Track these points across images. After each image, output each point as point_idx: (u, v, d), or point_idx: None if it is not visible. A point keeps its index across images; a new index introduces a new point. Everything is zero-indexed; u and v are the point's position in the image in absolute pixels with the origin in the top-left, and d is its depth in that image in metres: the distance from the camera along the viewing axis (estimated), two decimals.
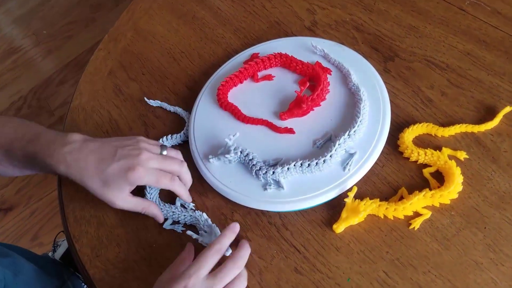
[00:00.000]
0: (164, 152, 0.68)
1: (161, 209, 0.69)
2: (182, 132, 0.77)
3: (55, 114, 2.08)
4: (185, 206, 0.70)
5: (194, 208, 0.69)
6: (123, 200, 0.65)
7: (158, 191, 0.72)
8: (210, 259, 0.57)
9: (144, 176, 0.63)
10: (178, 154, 0.70)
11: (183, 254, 0.63)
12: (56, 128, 0.73)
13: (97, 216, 0.73)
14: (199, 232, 0.66)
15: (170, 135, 0.76)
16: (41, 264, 0.81)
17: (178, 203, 0.70)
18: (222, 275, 0.57)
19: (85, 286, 0.92)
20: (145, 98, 0.74)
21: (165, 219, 0.69)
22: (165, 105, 0.81)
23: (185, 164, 0.69)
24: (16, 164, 0.70)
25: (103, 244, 0.70)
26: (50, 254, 0.99)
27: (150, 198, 0.69)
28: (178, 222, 0.69)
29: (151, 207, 0.68)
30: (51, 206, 1.79)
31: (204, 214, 0.67)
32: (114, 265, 0.67)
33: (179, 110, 0.80)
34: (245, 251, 0.61)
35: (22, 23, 2.53)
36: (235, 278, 0.58)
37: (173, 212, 0.68)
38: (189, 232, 0.65)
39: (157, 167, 0.65)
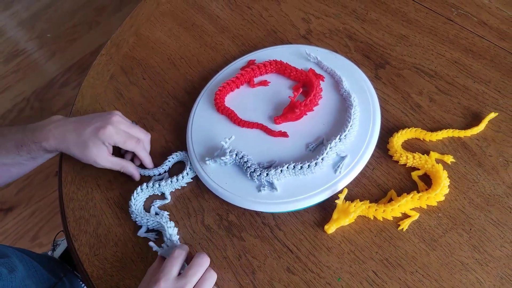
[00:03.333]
0: (134, 123, 0.78)
1: (139, 217, 0.70)
2: (185, 172, 0.74)
3: None
4: (159, 213, 0.72)
5: (168, 217, 0.71)
6: (104, 158, 0.74)
7: (143, 203, 0.74)
8: (175, 261, 0.60)
9: (113, 134, 0.72)
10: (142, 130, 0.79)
11: (154, 265, 0.64)
12: None
13: (96, 216, 0.74)
14: (161, 245, 0.67)
15: (175, 177, 0.74)
16: (38, 262, 0.82)
17: (152, 211, 0.72)
18: (191, 273, 0.59)
19: (82, 283, 0.93)
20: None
21: (140, 227, 0.71)
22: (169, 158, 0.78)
23: (149, 135, 0.78)
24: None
25: (101, 243, 0.71)
26: (49, 253, 1.00)
27: (135, 208, 0.72)
28: (153, 230, 0.71)
29: (129, 166, 0.76)
30: (51, 207, 1.79)
31: (172, 228, 0.69)
32: (111, 264, 0.69)
33: (180, 155, 0.78)
34: (204, 253, 0.63)
35: (27, 26, 2.53)
36: (205, 275, 0.61)
37: (147, 219, 0.70)
38: (151, 244, 0.66)
39: (126, 131, 0.74)
